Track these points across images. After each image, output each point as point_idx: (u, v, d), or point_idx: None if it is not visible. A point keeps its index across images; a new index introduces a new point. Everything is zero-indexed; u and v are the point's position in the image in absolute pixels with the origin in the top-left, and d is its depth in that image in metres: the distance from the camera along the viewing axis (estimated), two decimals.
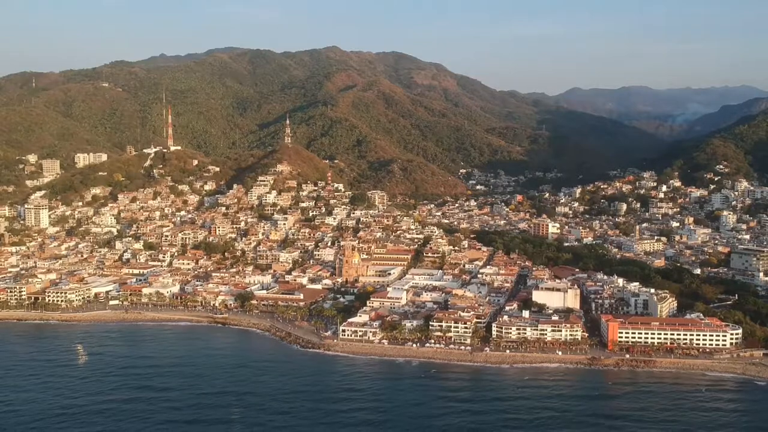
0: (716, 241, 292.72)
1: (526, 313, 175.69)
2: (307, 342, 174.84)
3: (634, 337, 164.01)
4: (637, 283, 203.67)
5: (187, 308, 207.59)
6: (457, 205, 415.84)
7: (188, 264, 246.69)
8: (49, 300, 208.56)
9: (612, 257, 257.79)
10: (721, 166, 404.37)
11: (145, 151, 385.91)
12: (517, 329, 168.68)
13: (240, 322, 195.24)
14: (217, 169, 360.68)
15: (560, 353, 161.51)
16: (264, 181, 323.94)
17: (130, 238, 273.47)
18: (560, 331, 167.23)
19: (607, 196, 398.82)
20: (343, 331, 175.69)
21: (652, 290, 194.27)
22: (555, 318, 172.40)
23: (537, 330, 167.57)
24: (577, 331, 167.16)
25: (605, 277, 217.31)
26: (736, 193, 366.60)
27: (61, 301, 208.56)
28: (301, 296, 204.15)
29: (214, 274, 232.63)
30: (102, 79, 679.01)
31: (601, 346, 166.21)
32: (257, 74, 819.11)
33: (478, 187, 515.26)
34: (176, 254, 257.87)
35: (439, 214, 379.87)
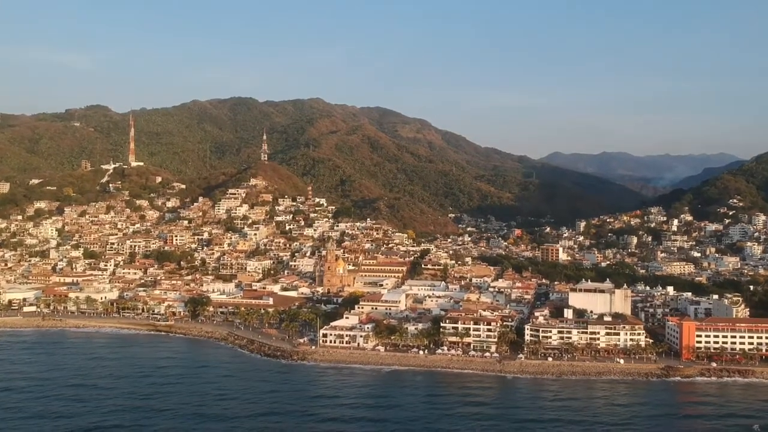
0: (749, 269, 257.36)
1: (569, 313, 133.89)
2: (276, 350, 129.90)
3: (717, 342, 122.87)
4: (690, 293, 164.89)
5: (123, 316, 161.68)
6: (450, 240, 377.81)
7: (135, 273, 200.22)
8: None
9: (647, 274, 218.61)
10: (735, 201, 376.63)
11: (102, 166, 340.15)
12: (559, 333, 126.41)
13: (189, 330, 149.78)
14: (183, 186, 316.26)
15: (621, 361, 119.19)
16: (234, 194, 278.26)
17: (68, 247, 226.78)
18: (617, 334, 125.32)
19: (614, 230, 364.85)
20: (324, 336, 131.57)
21: (716, 296, 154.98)
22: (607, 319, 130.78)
23: (586, 333, 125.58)
24: (639, 333, 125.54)
25: (647, 288, 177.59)
26: (755, 226, 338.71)
27: None
28: (270, 301, 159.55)
29: (163, 282, 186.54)
30: (75, 120, 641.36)
31: (670, 354, 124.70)
32: (238, 120, 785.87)
33: (469, 229, 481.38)
34: (122, 263, 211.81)
35: (432, 247, 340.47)
